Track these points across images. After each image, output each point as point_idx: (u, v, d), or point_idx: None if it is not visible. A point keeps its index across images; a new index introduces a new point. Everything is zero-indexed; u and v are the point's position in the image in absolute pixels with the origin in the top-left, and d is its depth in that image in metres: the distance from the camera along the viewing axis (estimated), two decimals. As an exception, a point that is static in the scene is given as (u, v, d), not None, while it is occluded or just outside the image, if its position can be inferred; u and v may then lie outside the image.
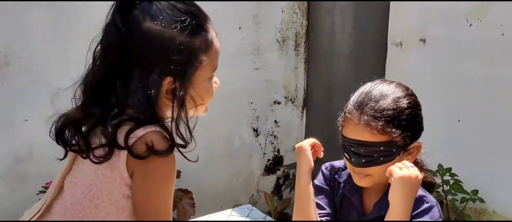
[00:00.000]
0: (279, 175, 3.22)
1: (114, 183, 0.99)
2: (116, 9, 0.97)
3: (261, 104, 3.03)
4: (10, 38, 2.18)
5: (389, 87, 1.24)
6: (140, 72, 0.95)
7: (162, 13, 0.95)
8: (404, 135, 1.17)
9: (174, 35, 0.94)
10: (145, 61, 0.95)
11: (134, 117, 0.96)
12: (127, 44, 0.95)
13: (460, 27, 2.42)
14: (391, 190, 1.12)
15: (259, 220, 1.84)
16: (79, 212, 1.01)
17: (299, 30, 3.05)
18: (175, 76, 0.96)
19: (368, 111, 1.17)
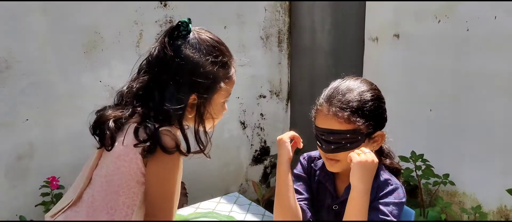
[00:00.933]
0: (266, 165, 3.39)
1: (130, 172, 1.20)
2: (167, 35, 1.25)
3: (247, 99, 3.17)
4: (10, 43, 2.30)
5: (355, 82, 1.38)
6: (174, 87, 1.21)
7: (200, 46, 1.24)
8: (367, 123, 1.32)
9: (206, 65, 1.23)
10: (179, 80, 1.21)
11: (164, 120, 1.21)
12: (168, 65, 1.22)
13: (430, 23, 2.57)
14: (351, 173, 1.28)
15: (255, 213, 1.98)
16: (103, 198, 1.22)
17: (282, 28, 3.19)
18: (199, 95, 1.24)
19: (336, 103, 1.32)
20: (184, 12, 2.76)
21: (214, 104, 1.28)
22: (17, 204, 2.46)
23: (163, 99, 1.21)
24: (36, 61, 2.39)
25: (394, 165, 1.47)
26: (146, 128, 1.18)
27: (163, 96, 1.21)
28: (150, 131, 1.17)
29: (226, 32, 2.96)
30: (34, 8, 2.32)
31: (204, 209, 1.94)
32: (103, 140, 1.25)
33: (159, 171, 1.20)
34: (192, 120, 1.27)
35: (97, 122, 1.26)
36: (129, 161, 1.20)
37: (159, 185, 1.21)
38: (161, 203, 1.21)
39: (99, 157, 1.29)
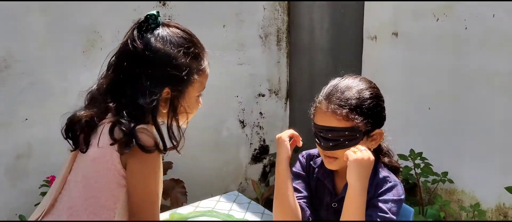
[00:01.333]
0: (265, 164, 3.39)
1: (108, 174, 1.16)
2: (136, 29, 1.21)
3: (246, 97, 3.18)
4: (9, 43, 2.30)
5: (354, 81, 1.38)
6: (146, 82, 1.17)
7: (171, 38, 1.21)
8: (365, 121, 1.32)
9: (177, 57, 1.20)
10: (152, 73, 1.18)
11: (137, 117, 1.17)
12: (139, 58, 1.18)
13: (428, 22, 2.58)
14: (348, 171, 1.28)
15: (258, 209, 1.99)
16: (81, 203, 1.18)
17: (281, 26, 3.20)
18: (172, 88, 1.20)
19: (334, 101, 1.33)
20: (182, 11, 2.76)
21: (188, 98, 1.25)
22: (17, 203, 2.47)
23: (136, 94, 1.17)
24: (35, 61, 2.39)
25: (393, 164, 1.47)
26: (121, 125, 1.14)
27: (135, 91, 1.17)
28: (126, 128, 1.13)
29: (225, 31, 2.97)
30: (34, 8, 2.33)
31: (204, 207, 1.95)
32: (77, 143, 1.22)
33: (140, 171, 1.17)
34: (166, 116, 1.23)
35: (69, 124, 1.21)
36: (106, 162, 1.16)
37: (141, 185, 1.18)
38: (145, 203, 1.18)
39: (73, 160, 1.25)
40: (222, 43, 2.97)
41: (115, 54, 1.23)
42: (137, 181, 1.17)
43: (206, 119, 3.01)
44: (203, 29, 2.85)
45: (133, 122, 1.15)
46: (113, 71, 1.22)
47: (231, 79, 3.06)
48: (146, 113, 1.17)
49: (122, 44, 1.23)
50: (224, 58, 2.99)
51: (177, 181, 2.60)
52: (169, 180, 2.62)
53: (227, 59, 3.01)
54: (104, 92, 1.21)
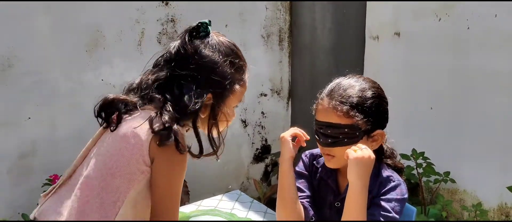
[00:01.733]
0: (267, 163, 3.40)
1: (131, 157, 1.16)
2: (188, 34, 1.26)
3: (248, 97, 3.18)
4: (12, 42, 2.31)
5: (358, 80, 1.38)
6: (192, 84, 1.22)
7: (219, 47, 1.27)
8: (366, 120, 1.31)
9: (223, 65, 1.25)
10: (198, 77, 1.23)
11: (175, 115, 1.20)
12: (188, 61, 1.24)
13: (430, 21, 2.58)
14: (348, 169, 1.27)
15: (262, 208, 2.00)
16: (96, 177, 1.18)
17: (283, 26, 3.21)
18: (214, 95, 1.25)
19: (336, 97, 1.32)
20: (185, 11, 2.77)
21: (228, 106, 1.29)
22: (20, 202, 2.48)
23: (181, 94, 1.21)
24: (38, 60, 2.40)
25: (397, 165, 1.46)
26: (164, 116, 1.16)
27: (181, 91, 1.22)
28: (168, 122, 1.15)
29: (227, 31, 2.97)
30: (37, 7, 2.34)
31: (206, 206, 1.96)
32: (108, 122, 1.24)
33: (168, 169, 1.19)
34: (203, 122, 1.26)
35: (105, 103, 1.24)
36: (134, 144, 1.16)
37: (168, 185, 1.19)
38: (169, 203, 1.20)
39: (98, 137, 1.27)
40: (225, 43, 2.97)
41: (162, 55, 1.28)
42: (164, 178, 1.18)
43: (208, 119, 3.02)
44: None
45: (174, 120, 1.17)
46: (160, 69, 1.25)
47: (233, 78, 3.07)
48: (187, 115, 1.21)
49: (172, 46, 1.27)
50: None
51: (179, 180, 2.60)
52: (171, 179, 2.62)
53: (229, 59, 3.01)
54: (149, 86, 1.23)
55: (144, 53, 2.68)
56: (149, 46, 2.69)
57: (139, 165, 1.17)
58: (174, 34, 2.77)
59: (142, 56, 2.68)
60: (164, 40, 2.74)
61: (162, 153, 1.16)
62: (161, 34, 2.72)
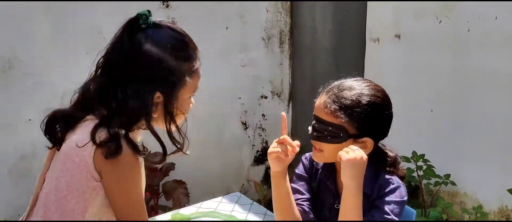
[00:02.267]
0: (267, 165, 3.39)
1: (80, 176, 1.10)
2: (125, 29, 1.15)
3: (249, 99, 3.19)
4: (13, 43, 2.32)
5: (361, 85, 1.35)
6: (137, 85, 1.12)
7: (162, 39, 1.14)
8: (352, 124, 1.30)
9: (168, 59, 1.13)
10: (142, 76, 1.12)
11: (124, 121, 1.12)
12: (129, 60, 1.13)
13: (430, 23, 2.58)
14: (341, 171, 1.28)
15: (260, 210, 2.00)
16: (53, 203, 1.13)
17: (283, 28, 3.21)
18: (163, 92, 1.15)
19: (330, 96, 1.33)
20: (186, 13, 2.77)
21: (180, 100, 1.19)
22: (20, 202, 2.47)
23: (126, 98, 1.11)
24: (39, 61, 2.40)
25: (399, 174, 1.44)
26: (107, 128, 1.09)
27: (125, 95, 1.11)
28: (112, 132, 1.08)
29: (227, 33, 2.98)
30: (38, 8, 2.34)
31: (206, 208, 1.95)
32: (54, 139, 1.17)
33: (121, 180, 1.11)
34: (158, 120, 1.18)
35: (49, 119, 1.17)
36: (78, 162, 1.10)
37: (125, 194, 1.12)
38: (131, 213, 1.13)
39: (51, 158, 1.21)
40: (225, 45, 2.98)
41: (103, 55, 1.18)
42: (118, 188, 1.12)
43: (209, 120, 3.02)
44: (206, 30, 2.90)
45: (121, 127, 1.09)
46: (102, 73, 1.17)
47: (234, 80, 3.08)
48: (137, 120, 1.12)
49: (111, 44, 1.17)
50: (227, 59, 3.01)
51: (179, 182, 2.61)
52: (171, 181, 2.63)
53: (229, 61, 3.02)
54: (92, 95, 1.15)
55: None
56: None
57: (89, 182, 1.11)
58: (174, 36, 2.78)
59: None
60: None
61: (108, 164, 1.09)
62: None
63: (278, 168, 1.39)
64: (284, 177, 1.41)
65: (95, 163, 1.10)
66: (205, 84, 3.24)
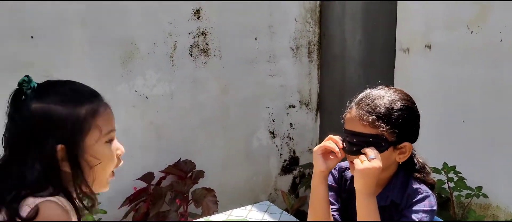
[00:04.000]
0: (295, 175, 3.40)
1: None
2: (10, 103, 1.10)
3: (277, 108, 3.21)
4: (51, 54, 2.40)
5: (388, 91, 1.38)
6: (35, 148, 1.06)
7: (47, 95, 1.08)
8: (392, 131, 1.31)
9: (57, 108, 1.06)
10: (37, 136, 1.06)
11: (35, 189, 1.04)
12: (21, 127, 1.07)
13: (462, 33, 2.56)
14: (354, 179, 1.31)
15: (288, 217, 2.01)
16: None
17: (312, 38, 3.22)
18: (65, 143, 1.06)
19: (363, 107, 1.33)
20: (216, 24, 2.83)
21: (89, 148, 1.09)
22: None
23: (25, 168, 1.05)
24: (74, 71, 2.48)
25: (427, 180, 1.44)
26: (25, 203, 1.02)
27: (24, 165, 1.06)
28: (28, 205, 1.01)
29: (257, 43, 3.01)
30: (74, 20, 2.42)
31: (236, 216, 1.97)
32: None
33: None
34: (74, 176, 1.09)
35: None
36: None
37: None
38: None
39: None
40: (254, 55, 3.02)
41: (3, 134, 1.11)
42: None
43: (237, 130, 3.05)
44: (236, 40, 2.94)
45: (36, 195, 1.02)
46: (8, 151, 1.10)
47: (262, 90, 3.10)
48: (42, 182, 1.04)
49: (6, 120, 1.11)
50: (256, 69, 3.04)
51: (208, 190, 2.64)
52: (200, 189, 2.66)
53: (258, 71, 3.05)
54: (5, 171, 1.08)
55: (176, 65, 2.74)
56: (181, 58, 2.75)
57: None
58: (205, 46, 2.83)
59: (174, 68, 2.75)
60: (195, 52, 2.80)
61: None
62: (193, 47, 2.78)
63: (322, 168, 1.40)
64: (325, 180, 1.42)
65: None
66: (234, 93, 3.28)
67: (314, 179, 1.42)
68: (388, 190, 1.39)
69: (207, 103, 2.91)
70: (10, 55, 2.31)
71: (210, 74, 2.88)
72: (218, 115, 2.97)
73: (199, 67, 2.83)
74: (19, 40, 2.32)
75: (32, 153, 1.06)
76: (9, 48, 2.30)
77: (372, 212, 1.30)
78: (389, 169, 1.39)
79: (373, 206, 1.30)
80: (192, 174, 2.73)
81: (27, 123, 1.06)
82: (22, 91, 1.08)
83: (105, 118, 1.12)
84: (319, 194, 1.42)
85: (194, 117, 2.89)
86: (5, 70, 2.32)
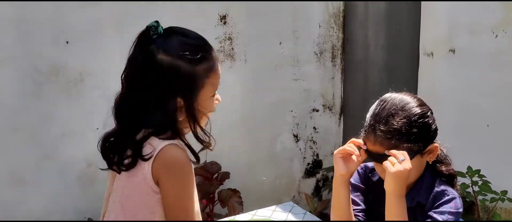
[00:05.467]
0: (318, 178, 3.43)
1: (142, 191, 1.18)
2: (136, 44, 1.22)
3: (300, 112, 3.24)
4: (84, 58, 2.50)
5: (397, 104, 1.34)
6: (157, 96, 1.17)
7: (173, 47, 1.18)
8: (414, 143, 1.32)
9: (181, 65, 1.16)
10: (160, 86, 1.16)
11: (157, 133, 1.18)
12: (145, 73, 1.18)
13: (487, 38, 2.56)
14: (385, 181, 1.31)
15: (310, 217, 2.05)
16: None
17: (336, 43, 3.26)
18: (184, 97, 1.18)
19: (380, 134, 1.32)
20: (242, 29, 2.89)
21: (202, 101, 1.21)
22: (86, 207, 2.65)
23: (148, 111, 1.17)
24: (107, 75, 2.57)
25: (450, 171, 1.45)
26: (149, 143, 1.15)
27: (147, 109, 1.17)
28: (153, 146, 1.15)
29: (281, 48, 3.07)
30: (109, 25, 2.52)
31: (261, 216, 2.03)
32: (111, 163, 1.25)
33: (174, 186, 1.17)
34: (183, 123, 1.21)
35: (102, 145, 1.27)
36: (139, 180, 1.17)
37: (177, 200, 1.18)
38: (183, 216, 1.18)
39: (112, 180, 1.30)
40: (279, 59, 3.07)
41: (123, 71, 1.24)
42: (170, 196, 1.17)
43: (261, 133, 3.10)
44: (261, 46, 3.00)
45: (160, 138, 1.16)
46: (126, 88, 1.22)
47: (286, 94, 3.15)
48: (166, 128, 1.18)
49: (128, 60, 1.24)
50: (280, 73, 3.09)
51: (233, 191, 2.70)
52: (226, 189, 2.72)
53: (282, 75, 3.10)
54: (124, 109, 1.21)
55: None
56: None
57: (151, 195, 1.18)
58: (231, 51, 2.90)
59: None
60: (221, 57, 2.87)
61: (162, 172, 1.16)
62: (219, 52, 2.86)
63: (342, 171, 1.40)
64: (347, 183, 1.43)
65: (153, 175, 1.16)
66: (259, 97, 3.34)
67: (335, 182, 1.44)
68: (414, 191, 1.40)
69: (232, 106, 2.97)
70: (46, 59, 2.42)
71: (235, 78, 2.94)
72: (243, 118, 3.03)
73: (225, 71, 2.88)
74: (55, 44, 2.43)
75: (154, 100, 1.16)
76: (45, 52, 2.42)
77: (401, 214, 1.31)
78: (418, 171, 1.40)
79: (403, 208, 1.31)
80: (218, 175, 2.80)
81: (152, 72, 1.16)
82: (149, 34, 1.19)
83: (217, 75, 1.23)
84: (340, 197, 1.43)
85: (219, 120, 2.93)
86: (41, 73, 2.43)
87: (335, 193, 1.44)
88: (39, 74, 2.42)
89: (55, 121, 2.50)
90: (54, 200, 2.59)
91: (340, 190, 1.43)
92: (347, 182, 1.43)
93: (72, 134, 2.55)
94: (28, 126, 2.41)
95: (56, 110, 2.49)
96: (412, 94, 1.41)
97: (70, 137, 2.54)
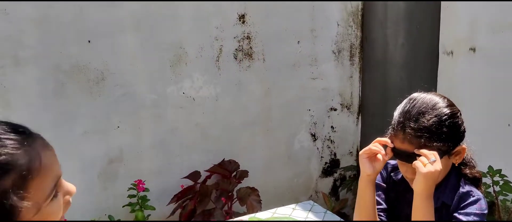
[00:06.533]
0: (336, 177, 3.43)
1: None
2: None
3: (318, 111, 3.25)
4: (106, 57, 2.54)
5: (428, 103, 1.34)
6: None
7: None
8: (443, 143, 1.31)
9: None
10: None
11: None
12: None
13: (507, 36, 2.53)
14: (415, 181, 1.30)
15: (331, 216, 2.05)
16: None
17: (354, 42, 3.25)
18: None
19: (409, 132, 1.30)
20: (260, 28, 2.91)
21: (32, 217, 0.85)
22: (107, 204, 2.69)
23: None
24: (127, 74, 2.61)
25: (474, 174, 1.45)
26: None
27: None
28: None
29: (299, 47, 3.07)
30: (129, 26, 2.56)
31: (281, 214, 2.04)
32: None
33: None
34: None
35: None
36: None
37: None
38: None
39: None
40: (297, 58, 3.08)
41: None
42: None
43: (279, 131, 3.12)
44: (279, 44, 3.02)
45: None
46: None
47: (304, 93, 3.15)
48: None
49: None
50: (298, 72, 3.10)
51: (252, 189, 2.72)
52: (245, 188, 2.74)
53: (300, 74, 3.11)
54: None
55: (221, 68, 2.84)
56: (226, 62, 2.85)
57: None
58: (249, 50, 2.91)
59: (220, 71, 2.85)
60: (240, 56, 2.89)
61: None
62: (237, 51, 2.88)
63: (368, 171, 1.40)
64: (373, 184, 1.42)
65: None
66: (277, 96, 3.34)
67: (361, 182, 1.43)
68: (440, 191, 1.40)
69: (251, 105, 2.99)
70: (68, 58, 2.46)
71: (253, 77, 2.96)
72: (261, 117, 3.05)
73: (243, 70, 2.92)
74: (77, 44, 2.47)
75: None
76: (67, 51, 2.46)
77: (428, 215, 1.30)
78: (445, 172, 1.39)
79: (430, 209, 1.30)
80: (236, 173, 2.82)
81: None
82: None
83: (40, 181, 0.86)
84: (365, 197, 1.43)
85: (238, 119, 2.97)
86: (64, 72, 2.47)
87: (361, 193, 1.44)
88: (61, 73, 2.46)
89: (77, 119, 2.54)
90: (75, 197, 2.62)
91: (366, 191, 1.43)
92: (373, 183, 1.43)
93: (93, 132, 2.59)
94: (50, 124, 2.45)
95: (78, 108, 2.53)
96: (441, 94, 1.40)
97: (91, 135, 2.59)
